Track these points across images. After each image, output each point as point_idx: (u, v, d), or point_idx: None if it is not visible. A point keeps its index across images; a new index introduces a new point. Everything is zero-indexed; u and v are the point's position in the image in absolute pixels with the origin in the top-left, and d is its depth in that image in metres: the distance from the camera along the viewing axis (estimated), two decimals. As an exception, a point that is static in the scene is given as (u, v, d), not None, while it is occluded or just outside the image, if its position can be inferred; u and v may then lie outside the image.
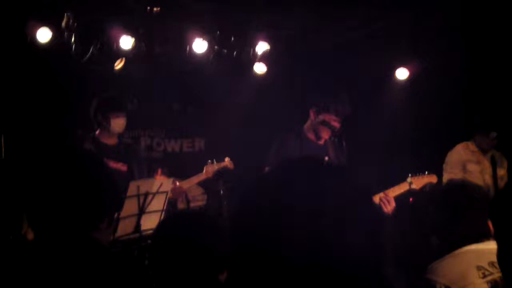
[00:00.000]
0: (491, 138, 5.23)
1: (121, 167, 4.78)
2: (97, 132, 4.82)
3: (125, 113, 4.83)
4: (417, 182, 4.61)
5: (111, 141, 4.85)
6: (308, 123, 4.73)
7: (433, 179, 4.71)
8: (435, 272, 2.41)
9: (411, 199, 4.90)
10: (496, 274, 2.26)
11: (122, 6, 5.31)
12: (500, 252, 1.57)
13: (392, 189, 4.53)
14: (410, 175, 4.62)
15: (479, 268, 2.32)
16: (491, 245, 2.19)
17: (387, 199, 4.32)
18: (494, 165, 5.28)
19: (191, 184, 5.26)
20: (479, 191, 2.68)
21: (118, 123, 4.76)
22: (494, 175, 5.24)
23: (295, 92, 6.45)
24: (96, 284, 1.71)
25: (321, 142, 4.70)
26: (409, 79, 6.36)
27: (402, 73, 6.37)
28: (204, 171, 5.19)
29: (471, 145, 5.40)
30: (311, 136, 4.70)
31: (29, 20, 5.12)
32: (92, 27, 5.32)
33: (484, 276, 2.29)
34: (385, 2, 5.46)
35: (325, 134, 4.64)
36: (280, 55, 6.22)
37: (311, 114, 4.67)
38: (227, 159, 5.24)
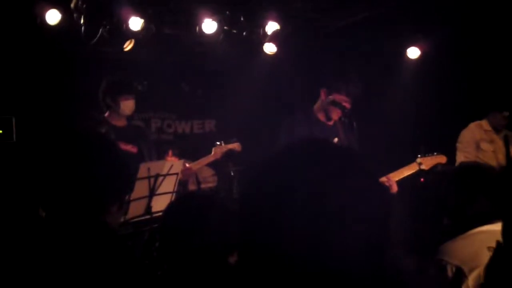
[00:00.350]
0: (504, 117, 5.19)
1: (131, 148, 4.79)
2: (106, 114, 4.82)
3: (134, 95, 4.82)
4: (426, 162, 4.61)
5: (120, 123, 4.85)
6: (318, 103, 4.68)
7: (442, 159, 4.70)
8: (446, 253, 2.40)
9: (421, 179, 4.88)
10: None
11: (131, -13, 5.29)
12: (505, 228, 1.56)
13: (400, 170, 4.52)
14: (419, 155, 4.62)
15: (490, 249, 2.31)
16: (502, 226, 2.18)
17: (389, 184, 4.32)
18: (507, 144, 5.24)
19: (200, 166, 5.25)
20: (492, 172, 2.67)
21: (127, 105, 4.76)
22: (508, 155, 5.20)
23: (305, 73, 6.41)
24: (101, 270, 1.71)
25: (331, 123, 4.65)
26: (421, 59, 6.30)
27: (413, 52, 6.31)
28: (212, 152, 5.19)
29: (484, 124, 5.36)
30: (321, 116, 4.65)
31: (38, 1, 5.10)
32: (101, 8, 5.29)
33: (495, 257, 2.28)
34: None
35: (335, 115, 4.58)
36: (290, 36, 6.17)
37: (322, 94, 4.62)
38: (235, 141, 5.23)
